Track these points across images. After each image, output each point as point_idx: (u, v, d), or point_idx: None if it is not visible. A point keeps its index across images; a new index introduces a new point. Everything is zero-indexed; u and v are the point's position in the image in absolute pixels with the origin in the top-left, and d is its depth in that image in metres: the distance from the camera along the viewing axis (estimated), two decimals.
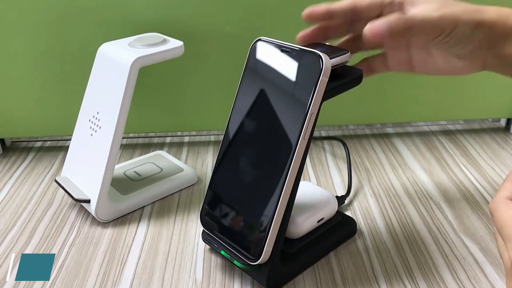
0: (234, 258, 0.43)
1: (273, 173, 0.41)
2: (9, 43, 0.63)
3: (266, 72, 0.43)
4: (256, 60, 0.44)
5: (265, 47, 0.43)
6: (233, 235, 0.43)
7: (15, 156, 0.70)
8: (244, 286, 0.45)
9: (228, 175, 0.45)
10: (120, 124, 0.51)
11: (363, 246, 0.50)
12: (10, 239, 0.52)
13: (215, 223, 0.45)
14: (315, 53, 0.39)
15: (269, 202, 0.41)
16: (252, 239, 0.41)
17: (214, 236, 0.45)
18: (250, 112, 0.44)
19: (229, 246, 0.44)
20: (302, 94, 0.40)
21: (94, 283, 0.46)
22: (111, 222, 0.54)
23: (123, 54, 0.52)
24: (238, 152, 0.44)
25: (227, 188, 0.45)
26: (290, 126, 0.40)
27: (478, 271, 0.46)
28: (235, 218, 0.43)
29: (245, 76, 0.44)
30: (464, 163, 0.65)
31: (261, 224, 0.41)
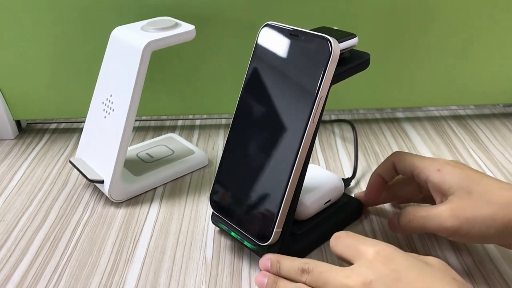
0: (244, 239, 0.44)
1: (283, 156, 0.41)
2: (25, 27, 0.64)
3: (274, 57, 0.43)
4: (264, 45, 0.44)
5: (273, 32, 0.44)
6: (243, 217, 0.44)
7: (31, 137, 0.71)
8: (252, 265, 0.46)
9: (237, 158, 0.46)
10: (132, 106, 0.52)
11: (369, 228, 0.51)
12: (27, 218, 0.54)
13: (225, 205, 0.46)
14: (324, 37, 0.40)
15: (279, 185, 0.41)
16: (262, 220, 0.42)
17: (224, 218, 0.46)
18: (258, 97, 0.44)
19: (239, 228, 0.45)
20: (311, 78, 0.40)
21: (107, 260, 0.47)
22: (124, 202, 0.56)
23: (136, 38, 0.52)
24: (247, 136, 0.45)
25: (236, 171, 0.46)
26: (299, 110, 0.41)
27: (484, 255, 0.47)
28: (244, 200, 0.44)
29: (253, 60, 0.45)
30: (474, 148, 0.65)
31: (271, 205, 0.42)
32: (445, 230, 0.41)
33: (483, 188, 0.41)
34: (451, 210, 0.41)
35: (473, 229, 0.40)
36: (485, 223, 0.40)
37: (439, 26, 0.65)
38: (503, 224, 0.39)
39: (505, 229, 0.39)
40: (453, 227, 0.41)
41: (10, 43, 0.65)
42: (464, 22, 0.65)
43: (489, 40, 0.66)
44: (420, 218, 0.43)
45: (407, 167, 0.46)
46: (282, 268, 0.41)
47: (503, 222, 0.39)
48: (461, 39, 0.66)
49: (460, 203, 0.41)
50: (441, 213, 0.41)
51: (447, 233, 0.41)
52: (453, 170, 0.43)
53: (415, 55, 0.67)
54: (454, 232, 0.41)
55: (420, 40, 0.66)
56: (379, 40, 0.66)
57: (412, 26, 0.65)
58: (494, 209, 0.40)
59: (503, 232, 0.40)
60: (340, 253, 0.39)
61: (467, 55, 0.68)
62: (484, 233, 0.40)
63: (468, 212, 0.40)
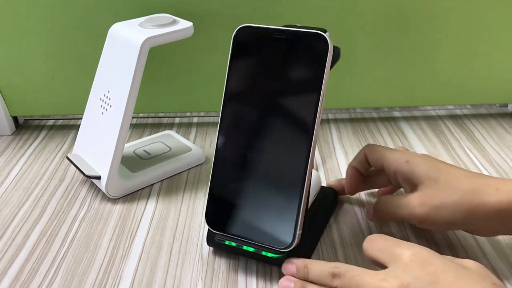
0: (261, 250, 0.42)
1: (293, 159, 0.41)
2: (22, 23, 0.64)
3: (262, 59, 0.42)
4: (246, 48, 0.43)
5: (252, 33, 0.43)
6: (257, 227, 0.42)
7: (28, 133, 0.71)
8: (249, 261, 0.46)
9: (234, 170, 0.44)
10: (130, 102, 0.52)
11: (366, 227, 0.51)
12: (23, 213, 0.54)
13: (229, 221, 0.43)
14: (318, 33, 0.40)
15: (294, 186, 0.41)
16: (282, 225, 0.41)
17: (231, 235, 0.43)
18: (249, 102, 0.43)
19: (253, 240, 0.42)
20: (311, 76, 0.40)
21: (104, 256, 0.47)
22: (121, 199, 0.56)
23: (134, 34, 0.52)
24: (242, 145, 0.43)
25: (236, 183, 0.43)
26: (303, 110, 0.41)
27: (478, 252, 0.47)
28: (255, 210, 0.42)
29: (233, 66, 0.43)
30: (470, 147, 0.65)
31: (289, 208, 0.41)
32: (414, 217, 0.43)
33: (450, 177, 0.43)
34: (419, 198, 0.43)
35: (440, 216, 0.42)
36: (451, 209, 0.41)
37: (436, 26, 0.65)
38: (467, 210, 0.41)
39: (469, 214, 0.41)
40: (421, 214, 0.43)
41: (8, 39, 0.65)
42: (461, 22, 0.65)
43: (485, 40, 0.67)
44: (391, 208, 0.45)
45: (378, 159, 0.48)
46: (311, 273, 0.40)
47: (467, 208, 0.41)
48: (458, 40, 0.66)
49: (428, 192, 0.43)
50: (410, 202, 0.43)
51: (417, 220, 0.44)
52: (421, 161, 0.44)
53: (412, 55, 0.68)
54: (423, 219, 0.43)
55: (417, 40, 0.66)
56: (377, 40, 0.66)
57: (409, 27, 0.65)
58: (459, 195, 0.41)
59: (468, 217, 0.41)
60: (374, 256, 0.38)
61: (463, 55, 0.68)
62: (450, 219, 0.42)
63: (435, 199, 0.42)
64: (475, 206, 0.41)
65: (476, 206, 0.41)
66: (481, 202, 0.41)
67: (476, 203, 0.41)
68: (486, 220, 0.41)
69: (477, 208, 0.41)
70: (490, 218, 0.41)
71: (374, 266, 0.39)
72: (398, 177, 0.46)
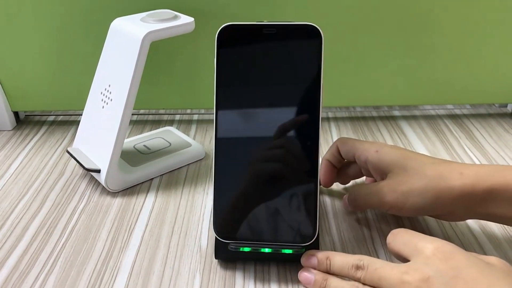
0: (280, 248, 0.42)
1: (301, 151, 0.41)
2: (25, 19, 0.64)
3: (252, 57, 0.42)
4: (233, 48, 0.42)
5: (238, 31, 0.42)
6: (271, 227, 0.42)
7: (29, 129, 0.71)
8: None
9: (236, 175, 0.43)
10: (131, 96, 0.53)
11: (365, 222, 0.51)
12: (23, 206, 0.54)
13: (242, 228, 0.42)
14: (311, 26, 0.40)
15: (307, 179, 0.41)
16: (301, 220, 0.42)
17: (246, 241, 0.42)
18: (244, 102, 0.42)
19: (270, 241, 0.42)
20: (308, 70, 0.40)
21: (102, 247, 0.48)
22: (120, 192, 0.56)
23: (135, 29, 0.53)
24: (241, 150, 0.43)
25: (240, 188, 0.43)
26: (305, 102, 0.41)
27: (476, 246, 0.47)
28: (265, 210, 0.42)
29: (222, 66, 0.42)
30: (469, 145, 0.65)
31: (306, 202, 0.42)
32: (385, 204, 0.44)
33: (417, 164, 0.44)
34: (389, 186, 0.44)
35: (408, 202, 0.43)
36: (419, 195, 0.42)
37: (436, 26, 0.66)
38: (434, 195, 0.42)
39: (436, 199, 0.42)
40: (391, 201, 0.44)
41: (9, 35, 0.65)
42: (461, 22, 0.65)
43: (485, 40, 0.67)
44: (363, 196, 0.47)
45: (349, 151, 0.49)
46: (334, 265, 0.40)
47: (433, 193, 0.42)
48: (457, 40, 0.67)
49: (397, 179, 0.44)
50: (380, 189, 0.44)
51: (387, 206, 0.44)
52: (390, 151, 0.46)
53: (412, 54, 0.68)
54: (392, 206, 0.44)
55: (417, 39, 0.67)
56: (377, 40, 0.67)
57: (409, 26, 0.65)
58: (426, 181, 0.42)
59: (435, 202, 0.42)
60: (397, 250, 0.39)
61: (463, 55, 0.68)
62: (418, 205, 0.43)
63: (404, 186, 0.43)
64: (441, 190, 0.42)
65: (442, 191, 0.42)
66: (446, 187, 0.41)
67: (441, 187, 0.42)
68: (452, 204, 0.42)
69: (443, 192, 0.42)
70: (455, 203, 0.42)
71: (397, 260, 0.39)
72: (368, 167, 0.47)
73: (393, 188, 0.44)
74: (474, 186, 0.41)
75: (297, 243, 0.42)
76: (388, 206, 0.44)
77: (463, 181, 0.41)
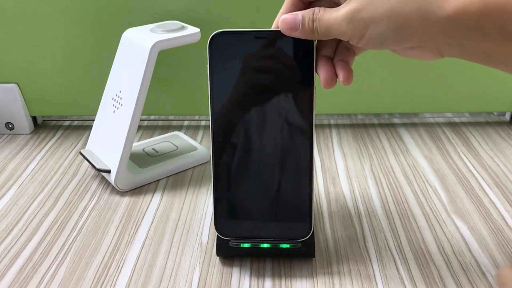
0: (278, 243, 0.46)
1: (298, 151, 0.44)
2: (43, 30, 0.68)
3: (245, 63, 0.42)
4: (226, 55, 0.42)
5: (230, 38, 0.42)
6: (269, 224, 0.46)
7: (45, 133, 0.76)
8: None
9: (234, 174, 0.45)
10: (139, 101, 0.56)
11: (358, 221, 0.54)
12: (38, 203, 0.58)
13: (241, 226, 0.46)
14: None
15: (301, 177, 0.44)
16: (297, 217, 0.45)
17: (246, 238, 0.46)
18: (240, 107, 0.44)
19: (269, 238, 0.46)
20: (300, 73, 0.42)
21: (110, 242, 0.51)
22: (129, 192, 0.59)
23: (145, 39, 0.57)
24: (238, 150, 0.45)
25: (239, 187, 0.45)
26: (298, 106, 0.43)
27: (464, 247, 0.49)
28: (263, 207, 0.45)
29: (216, 73, 0.43)
30: (465, 152, 0.68)
31: (301, 199, 0.45)
32: (342, 33, 0.37)
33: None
34: (347, 13, 0.36)
35: (369, 30, 0.36)
36: (381, 22, 0.35)
37: None
38: (400, 21, 0.34)
39: (402, 27, 0.34)
40: (349, 30, 0.36)
41: (29, 45, 0.70)
42: None
43: None
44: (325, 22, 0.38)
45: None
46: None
47: (400, 19, 0.34)
48: None
49: (357, 4, 0.36)
50: (339, 16, 0.37)
51: (345, 36, 0.37)
52: None
53: (412, 62, 0.70)
54: (351, 36, 0.37)
55: None
56: None
57: None
58: (391, 4, 0.34)
59: (399, 31, 0.35)
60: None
61: (463, 63, 0.70)
62: (380, 34, 0.35)
63: (364, 12, 0.35)
64: (416, 14, 0.33)
65: (417, 15, 0.33)
66: (424, 10, 0.33)
67: (417, 10, 0.33)
68: (427, 33, 0.34)
69: (419, 17, 0.33)
70: (434, 31, 0.34)
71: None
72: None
73: (352, 15, 0.36)
74: (466, 8, 0.32)
75: (294, 238, 0.45)
76: (346, 35, 0.37)
77: (450, 4, 0.32)
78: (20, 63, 0.71)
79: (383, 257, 0.48)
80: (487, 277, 0.46)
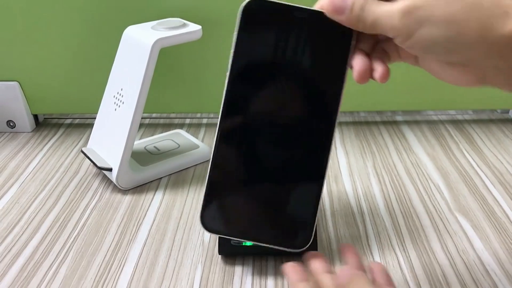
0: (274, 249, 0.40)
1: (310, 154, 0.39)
2: (44, 29, 0.68)
3: (275, 40, 0.37)
4: (257, 25, 0.37)
5: (266, 9, 0.37)
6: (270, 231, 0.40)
7: (47, 131, 0.75)
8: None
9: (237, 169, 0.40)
10: (141, 99, 0.56)
11: (360, 220, 0.53)
12: (39, 201, 0.57)
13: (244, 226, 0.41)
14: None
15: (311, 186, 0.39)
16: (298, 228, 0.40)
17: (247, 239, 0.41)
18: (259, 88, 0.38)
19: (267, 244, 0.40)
20: (333, 63, 0.37)
21: (112, 240, 0.51)
22: (130, 190, 0.59)
23: (146, 36, 0.56)
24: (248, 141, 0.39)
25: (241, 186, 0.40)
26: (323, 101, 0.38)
27: (467, 245, 0.49)
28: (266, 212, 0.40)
29: (241, 45, 0.37)
30: (468, 149, 0.67)
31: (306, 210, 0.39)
32: (391, 28, 0.33)
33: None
34: (404, 7, 0.32)
35: (422, 30, 0.32)
36: (438, 24, 0.32)
37: None
38: (457, 29, 0.31)
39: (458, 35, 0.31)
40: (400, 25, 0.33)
41: (31, 42, 0.69)
42: None
43: None
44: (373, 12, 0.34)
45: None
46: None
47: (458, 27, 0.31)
48: None
49: (417, 1, 0.32)
50: (393, 10, 0.33)
51: (393, 31, 0.34)
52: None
53: None
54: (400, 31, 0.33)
55: None
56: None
57: None
58: (453, 9, 0.31)
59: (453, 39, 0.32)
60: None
61: None
62: (432, 37, 0.32)
63: (422, 10, 0.32)
64: (477, 27, 0.31)
65: (477, 27, 0.31)
66: (485, 25, 0.31)
67: (478, 23, 0.31)
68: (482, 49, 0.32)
69: (478, 30, 0.31)
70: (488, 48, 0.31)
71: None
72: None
73: (408, 10, 0.32)
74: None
75: (293, 248, 0.40)
76: (395, 32, 0.33)
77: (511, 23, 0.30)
78: (21, 61, 0.71)
79: (386, 256, 0.48)
80: (490, 275, 0.45)
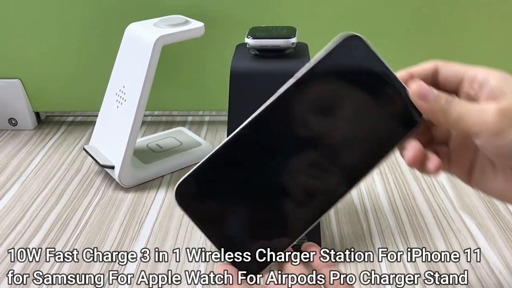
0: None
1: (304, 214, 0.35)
2: (46, 26, 0.68)
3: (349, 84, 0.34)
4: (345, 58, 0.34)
5: (359, 50, 0.34)
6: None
7: (49, 128, 0.75)
8: None
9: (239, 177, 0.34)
10: (143, 96, 0.56)
11: (364, 218, 0.53)
12: (41, 199, 0.57)
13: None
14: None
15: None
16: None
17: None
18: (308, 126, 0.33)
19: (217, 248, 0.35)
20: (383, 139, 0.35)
21: (114, 238, 0.50)
22: (133, 188, 0.59)
23: (148, 33, 0.56)
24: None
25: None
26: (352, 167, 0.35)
27: (472, 244, 0.49)
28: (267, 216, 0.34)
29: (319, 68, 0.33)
30: None
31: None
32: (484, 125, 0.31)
33: None
34: (501, 107, 0.32)
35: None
36: None
37: (440, 29, 0.67)
38: None
39: None
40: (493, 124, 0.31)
41: (32, 39, 0.69)
42: (465, 26, 0.67)
43: (489, 44, 0.68)
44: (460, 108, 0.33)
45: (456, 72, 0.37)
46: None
47: None
48: (462, 43, 0.68)
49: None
50: (486, 108, 0.32)
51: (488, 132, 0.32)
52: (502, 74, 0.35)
53: (416, 57, 0.69)
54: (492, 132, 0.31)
55: (421, 40, 0.68)
56: (382, 42, 0.68)
57: (412, 27, 0.67)
58: None
59: None
60: None
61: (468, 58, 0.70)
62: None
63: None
64: None
65: None
66: None
67: None
68: None
69: None
70: None
71: None
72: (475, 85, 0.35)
73: (505, 110, 0.31)
74: None
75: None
76: (487, 132, 0.31)
77: None
78: (23, 58, 0.71)
79: (390, 254, 0.48)
80: (495, 274, 0.45)
